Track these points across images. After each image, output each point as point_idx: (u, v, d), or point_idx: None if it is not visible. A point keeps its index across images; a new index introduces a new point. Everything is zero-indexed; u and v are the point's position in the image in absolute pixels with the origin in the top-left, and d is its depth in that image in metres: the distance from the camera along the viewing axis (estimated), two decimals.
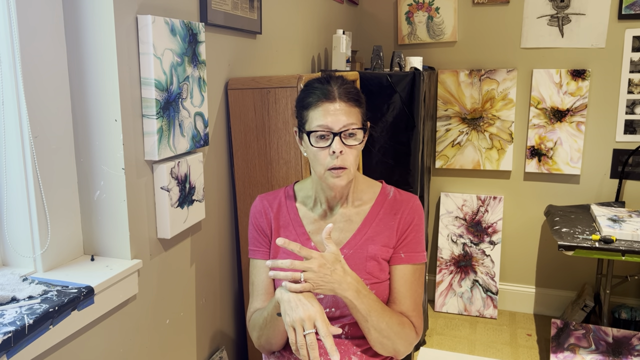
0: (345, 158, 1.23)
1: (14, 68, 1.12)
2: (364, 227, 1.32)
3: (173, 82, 1.38)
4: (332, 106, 1.22)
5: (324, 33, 2.77)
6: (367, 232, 1.31)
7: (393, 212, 1.33)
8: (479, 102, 3.29)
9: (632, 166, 3.11)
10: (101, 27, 1.21)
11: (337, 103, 1.23)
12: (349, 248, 1.30)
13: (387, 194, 1.37)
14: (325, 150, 1.22)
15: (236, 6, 1.76)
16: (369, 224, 1.32)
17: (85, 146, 1.28)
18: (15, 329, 0.97)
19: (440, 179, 3.48)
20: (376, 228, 1.31)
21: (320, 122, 1.22)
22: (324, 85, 1.25)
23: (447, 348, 3.02)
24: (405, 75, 2.50)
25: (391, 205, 1.34)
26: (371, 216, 1.33)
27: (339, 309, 1.28)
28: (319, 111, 1.22)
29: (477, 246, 3.36)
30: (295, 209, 1.36)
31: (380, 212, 1.33)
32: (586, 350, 2.65)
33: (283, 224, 1.35)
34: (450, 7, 3.27)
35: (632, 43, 3.00)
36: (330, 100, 1.23)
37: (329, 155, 1.22)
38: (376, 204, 1.35)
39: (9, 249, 1.22)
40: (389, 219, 1.33)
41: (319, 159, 1.23)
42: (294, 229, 1.34)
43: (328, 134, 1.22)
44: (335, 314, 1.29)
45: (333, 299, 1.28)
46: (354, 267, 1.26)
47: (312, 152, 1.25)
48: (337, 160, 1.21)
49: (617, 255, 2.39)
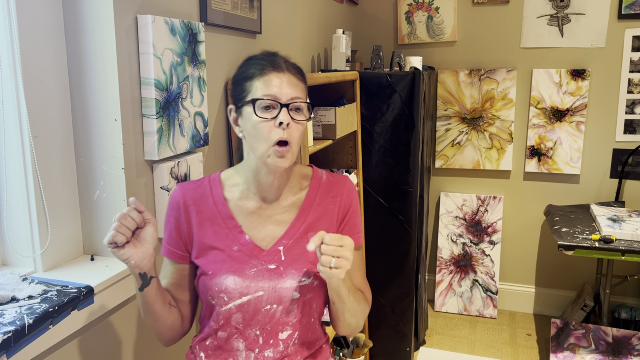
0: (292, 133, 1.12)
1: (14, 68, 1.12)
2: (303, 215, 1.22)
3: (173, 82, 1.38)
4: (280, 76, 1.12)
5: (324, 33, 2.77)
6: (307, 219, 1.22)
7: (331, 195, 1.25)
8: (479, 102, 3.29)
9: (632, 166, 3.11)
10: (101, 27, 1.21)
11: (285, 74, 1.13)
12: (288, 238, 1.19)
13: (321, 177, 1.28)
14: (270, 122, 1.10)
15: (236, 6, 1.76)
16: (307, 211, 1.23)
17: (85, 146, 1.28)
18: (15, 329, 0.97)
19: (440, 179, 3.48)
20: (315, 214, 1.23)
21: (267, 91, 1.11)
22: (269, 57, 1.16)
23: (447, 348, 3.02)
24: (405, 75, 2.50)
25: (327, 189, 1.26)
26: (308, 203, 1.23)
27: (281, 304, 1.15)
28: (265, 80, 1.12)
29: (477, 246, 3.36)
30: (223, 200, 1.21)
31: (317, 197, 1.25)
32: (586, 350, 2.65)
33: (209, 218, 1.19)
34: (450, 7, 3.27)
35: (632, 43, 3.00)
36: (278, 70, 1.13)
37: (275, 127, 1.10)
38: (312, 190, 1.25)
39: (9, 249, 1.22)
40: (328, 203, 1.25)
41: (262, 133, 1.10)
42: (223, 222, 1.19)
43: (275, 105, 1.11)
44: (278, 313, 1.15)
45: (275, 294, 1.15)
46: (296, 257, 1.17)
47: (253, 126, 1.11)
48: (285, 133, 1.10)
49: (617, 255, 2.39)
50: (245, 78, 1.15)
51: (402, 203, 2.60)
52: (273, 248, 1.17)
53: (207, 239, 1.18)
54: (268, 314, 1.15)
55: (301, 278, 1.16)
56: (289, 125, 1.10)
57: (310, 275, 1.17)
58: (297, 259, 1.17)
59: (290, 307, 1.16)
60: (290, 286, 1.15)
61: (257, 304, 1.14)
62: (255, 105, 1.11)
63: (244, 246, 1.16)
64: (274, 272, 1.15)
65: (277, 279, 1.14)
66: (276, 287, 1.14)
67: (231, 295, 1.13)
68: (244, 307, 1.14)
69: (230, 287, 1.13)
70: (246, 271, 1.14)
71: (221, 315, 1.15)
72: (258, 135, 1.11)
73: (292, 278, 1.15)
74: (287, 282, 1.14)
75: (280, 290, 1.14)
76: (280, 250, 1.17)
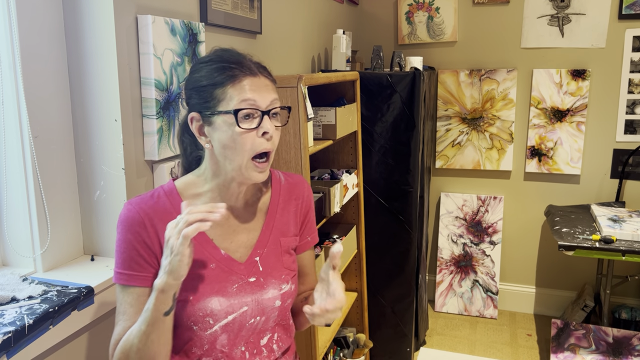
0: (274, 141, 1.06)
1: (14, 68, 1.12)
2: (270, 220, 1.18)
3: (173, 82, 1.38)
4: (254, 81, 1.04)
5: (324, 33, 2.77)
6: (274, 224, 1.19)
7: (293, 197, 1.23)
8: (479, 102, 3.29)
9: (632, 166, 3.11)
10: (101, 27, 1.21)
11: (260, 77, 1.05)
12: (261, 247, 1.15)
13: (280, 179, 1.24)
14: (251, 132, 1.03)
15: (236, 6, 1.76)
16: (273, 215, 1.19)
17: (85, 146, 1.28)
18: (15, 329, 0.97)
19: (440, 179, 3.48)
20: (281, 219, 1.20)
21: (244, 98, 1.02)
22: (235, 59, 1.06)
23: (447, 348, 3.02)
24: (405, 75, 2.50)
25: (287, 190, 1.23)
26: (273, 207, 1.20)
27: (264, 315, 1.13)
28: (239, 87, 1.02)
29: (477, 246, 3.36)
30: None
31: (279, 200, 1.21)
32: (586, 350, 2.65)
33: None
34: (451, 7, 3.27)
35: (632, 43, 3.00)
36: (252, 74, 1.04)
37: (256, 137, 1.03)
38: (274, 193, 1.21)
39: (9, 249, 1.22)
40: (291, 205, 1.22)
41: (242, 145, 1.02)
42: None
43: (255, 112, 1.03)
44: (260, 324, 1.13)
45: (258, 307, 1.11)
46: (272, 265, 1.14)
47: (232, 138, 1.02)
48: (269, 144, 1.04)
49: (617, 255, 2.39)
50: (214, 84, 1.04)
51: (402, 203, 2.60)
52: (249, 260, 1.13)
53: None
54: (251, 327, 1.12)
55: (281, 285, 1.15)
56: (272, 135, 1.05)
57: (288, 281, 1.17)
58: (274, 267, 1.15)
59: (271, 315, 1.14)
60: (272, 296, 1.13)
61: (242, 319, 1.10)
62: (237, 116, 1.02)
63: (220, 262, 1.10)
64: (255, 284, 1.12)
65: (258, 291, 1.12)
66: (259, 299, 1.11)
67: (217, 316, 1.07)
68: (229, 326, 1.09)
69: (215, 309, 1.07)
70: (228, 288, 1.09)
71: (205, 340, 1.08)
72: (237, 147, 1.03)
73: (272, 287, 1.14)
74: (269, 292, 1.13)
75: (263, 301, 1.12)
76: (257, 261, 1.14)
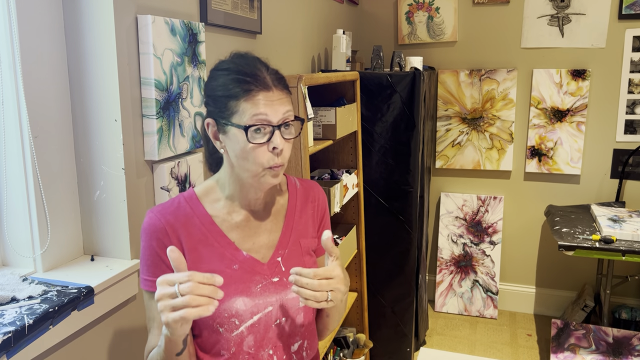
0: (284, 155, 1.08)
1: (14, 68, 1.12)
2: (289, 222, 1.21)
3: (173, 82, 1.38)
4: (268, 95, 1.05)
5: (324, 33, 2.77)
6: (294, 226, 1.21)
7: (310, 200, 1.26)
8: (479, 102, 3.29)
9: (633, 166, 3.11)
10: (101, 27, 1.21)
11: (274, 92, 1.06)
12: (283, 248, 1.18)
13: (295, 183, 1.27)
14: (262, 147, 1.05)
15: (236, 6, 1.76)
16: (292, 217, 1.22)
17: (85, 146, 1.28)
18: (15, 329, 0.97)
19: (440, 179, 3.48)
20: (300, 220, 1.23)
21: (256, 113, 1.04)
22: (252, 71, 1.07)
23: (447, 348, 3.02)
24: (405, 75, 2.50)
25: (303, 194, 1.26)
26: (291, 209, 1.23)
27: (289, 316, 1.14)
28: (253, 103, 1.04)
29: (477, 246, 3.36)
30: (209, 218, 1.14)
31: (297, 203, 1.24)
32: (586, 350, 2.65)
33: (200, 239, 1.12)
34: (451, 7, 3.27)
35: (632, 43, 3.00)
36: (266, 89, 1.05)
37: (267, 151, 1.06)
38: (291, 196, 1.24)
39: (9, 249, 1.22)
40: (308, 208, 1.25)
41: (255, 157, 1.05)
42: (215, 241, 1.11)
43: (266, 127, 1.05)
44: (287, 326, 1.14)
45: (282, 307, 1.12)
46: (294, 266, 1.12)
47: (243, 150, 1.06)
48: (279, 159, 1.07)
49: (617, 255, 2.39)
50: (229, 96, 1.06)
51: (402, 203, 2.60)
52: (272, 260, 1.15)
53: (203, 263, 1.10)
54: (278, 328, 1.13)
55: None
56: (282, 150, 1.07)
57: None
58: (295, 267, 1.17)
59: (297, 316, 1.16)
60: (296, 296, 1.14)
61: (267, 320, 1.12)
62: (247, 132, 1.04)
63: (243, 263, 1.12)
64: (278, 284, 1.14)
65: (282, 291, 1.13)
66: (283, 300, 1.13)
67: (242, 317, 1.09)
68: (255, 326, 1.10)
69: (240, 309, 1.09)
70: (252, 289, 1.11)
71: (232, 342, 1.09)
72: (249, 158, 1.06)
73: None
74: (292, 292, 1.13)
75: (287, 301, 1.14)
76: (279, 262, 1.16)
